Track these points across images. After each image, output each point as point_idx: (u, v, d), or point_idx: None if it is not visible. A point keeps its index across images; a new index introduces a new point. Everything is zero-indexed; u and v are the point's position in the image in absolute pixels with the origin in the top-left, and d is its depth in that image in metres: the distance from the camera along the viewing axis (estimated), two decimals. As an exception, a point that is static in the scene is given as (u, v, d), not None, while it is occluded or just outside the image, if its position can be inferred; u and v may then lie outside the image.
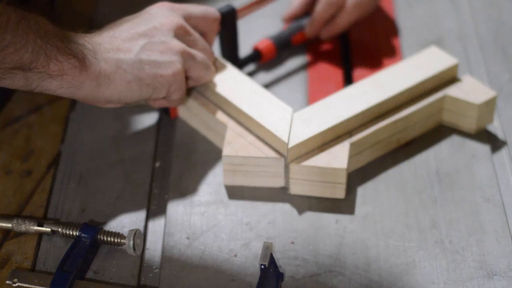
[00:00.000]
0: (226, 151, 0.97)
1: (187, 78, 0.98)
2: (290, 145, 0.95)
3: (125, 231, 0.93)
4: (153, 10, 0.97)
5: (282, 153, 0.97)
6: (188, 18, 0.98)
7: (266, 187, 0.99)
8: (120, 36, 0.93)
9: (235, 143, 0.98)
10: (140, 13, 0.97)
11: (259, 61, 1.13)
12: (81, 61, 0.88)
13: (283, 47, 1.14)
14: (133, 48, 0.93)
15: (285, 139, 0.96)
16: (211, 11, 1.02)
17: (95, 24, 1.18)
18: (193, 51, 0.97)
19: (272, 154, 0.97)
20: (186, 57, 0.95)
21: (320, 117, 0.98)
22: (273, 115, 0.99)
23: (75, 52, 0.88)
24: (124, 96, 0.93)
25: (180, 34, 0.96)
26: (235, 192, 0.99)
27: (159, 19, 0.96)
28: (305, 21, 1.15)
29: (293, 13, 1.16)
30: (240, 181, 0.99)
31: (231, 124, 1.00)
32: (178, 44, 0.95)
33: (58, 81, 0.88)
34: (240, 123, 1.00)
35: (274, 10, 1.20)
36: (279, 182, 0.98)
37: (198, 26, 1.00)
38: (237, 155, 0.97)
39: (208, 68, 0.99)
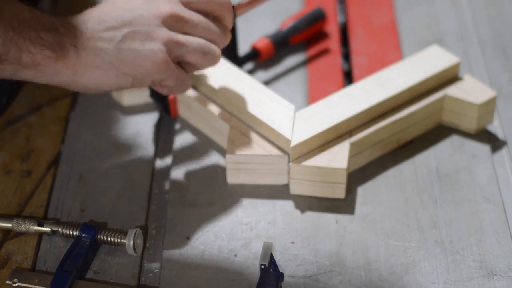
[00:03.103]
0: (230, 149, 0.97)
1: (186, 64, 0.97)
2: (293, 143, 0.95)
3: (125, 231, 0.92)
4: None
5: (286, 150, 0.97)
6: (186, 3, 0.96)
7: (268, 185, 0.99)
8: (105, 23, 0.91)
9: (238, 142, 0.98)
10: None
11: (258, 60, 1.13)
12: (56, 51, 0.88)
13: (281, 46, 1.14)
14: (115, 37, 0.91)
15: (288, 136, 0.96)
16: None
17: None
18: (183, 39, 0.94)
19: (275, 151, 0.97)
20: (173, 45, 0.93)
21: (322, 116, 0.98)
22: (275, 112, 0.99)
23: (50, 42, 0.87)
24: (102, 84, 0.92)
25: (170, 22, 0.94)
26: (235, 192, 0.99)
27: (150, 6, 0.93)
28: (303, 21, 1.15)
29: None
30: (244, 179, 0.99)
31: (233, 122, 1.00)
32: (164, 33, 0.93)
33: (32, 71, 0.88)
34: (242, 121, 1.01)
35: (272, 9, 1.20)
36: (282, 180, 0.98)
37: (206, 9, 0.97)
38: (240, 154, 0.97)
39: (206, 54, 0.95)
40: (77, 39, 0.89)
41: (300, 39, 1.16)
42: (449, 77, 1.05)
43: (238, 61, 1.10)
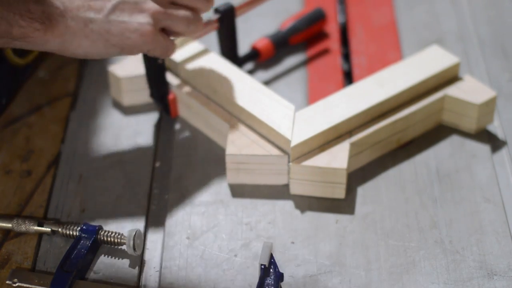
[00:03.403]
0: (230, 149, 0.97)
1: (171, 32, 0.98)
2: (293, 143, 0.95)
3: (125, 231, 0.92)
4: None
5: (286, 150, 0.97)
6: None
7: (268, 185, 0.99)
8: None
9: (238, 142, 0.98)
10: None
11: (258, 60, 1.13)
12: (45, 23, 0.89)
13: (281, 46, 1.14)
14: (105, 7, 0.93)
15: (288, 136, 0.96)
16: None
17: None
18: (170, 11, 0.96)
19: (276, 151, 0.97)
20: (161, 17, 0.95)
21: (322, 116, 0.98)
22: (275, 112, 0.99)
23: (39, 15, 0.89)
24: (90, 53, 0.94)
25: None
26: (235, 192, 0.99)
27: None
28: (302, 21, 1.15)
29: None
30: (244, 179, 0.99)
31: (233, 122, 1.00)
32: (151, 5, 0.95)
33: (22, 42, 0.90)
34: (242, 121, 1.01)
35: (272, 9, 1.20)
36: (282, 180, 0.98)
37: None
38: (240, 154, 0.97)
39: (190, 23, 0.98)
40: (66, 9, 0.91)
41: (300, 39, 1.16)
42: (449, 77, 1.05)
43: (238, 61, 1.10)
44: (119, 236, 0.92)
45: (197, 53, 1.06)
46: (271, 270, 0.89)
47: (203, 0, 0.98)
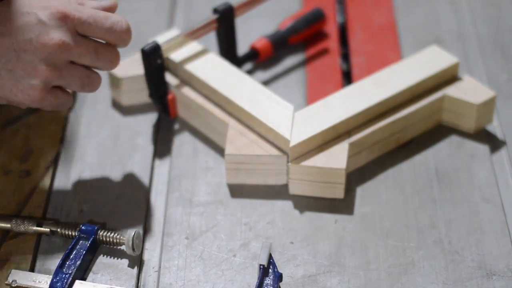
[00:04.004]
0: (229, 149, 0.97)
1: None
2: (292, 144, 0.95)
3: (124, 231, 0.92)
4: None
5: (285, 150, 0.97)
6: (82, 25, 0.90)
7: (267, 185, 0.99)
8: None
9: (237, 142, 0.98)
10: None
11: (256, 60, 1.13)
12: None
13: (280, 46, 1.14)
14: None
15: (287, 136, 0.96)
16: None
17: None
18: (65, 73, 0.90)
19: (275, 151, 0.97)
20: (53, 80, 0.90)
21: (321, 116, 0.98)
22: (274, 112, 0.99)
23: None
24: None
25: (57, 53, 0.89)
26: (234, 192, 0.99)
27: (42, 29, 0.89)
28: (302, 21, 1.15)
29: None
30: (243, 179, 0.99)
31: (232, 122, 1.00)
32: (45, 69, 0.89)
33: None
34: (241, 121, 1.01)
35: (271, 9, 1.20)
36: (281, 180, 0.98)
37: (103, 37, 0.92)
38: (239, 154, 0.97)
39: (85, 86, 0.92)
40: None
41: (299, 39, 1.16)
42: (448, 77, 1.05)
43: (237, 61, 1.10)
44: (118, 237, 0.92)
45: (196, 53, 1.06)
46: (270, 270, 0.89)
47: (106, 61, 0.92)
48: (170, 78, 1.06)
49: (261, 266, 0.88)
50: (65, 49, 0.89)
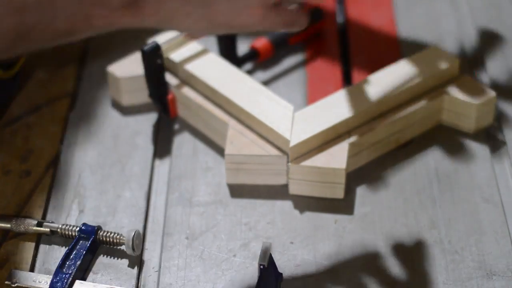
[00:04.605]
0: (229, 149, 0.97)
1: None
2: (292, 144, 0.95)
3: (124, 231, 0.92)
4: None
5: (284, 150, 0.97)
6: None
7: (267, 185, 0.99)
8: None
9: (237, 142, 0.98)
10: None
11: (257, 60, 1.13)
12: (130, 7, 0.83)
13: (280, 46, 1.14)
14: None
15: (287, 136, 0.96)
16: None
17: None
18: None
19: (275, 151, 0.97)
20: None
21: (321, 116, 0.98)
22: (274, 112, 0.99)
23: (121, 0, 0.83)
24: (195, 31, 0.88)
25: None
26: (234, 192, 0.99)
27: None
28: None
29: None
30: (243, 179, 0.99)
31: (232, 122, 1.00)
32: None
33: (111, 28, 0.85)
34: (241, 121, 1.01)
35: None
36: (281, 180, 0.98)
37: None
38: (239, 154, 0.97)
39: None
40: None
41: (299, 39, 1.16)
42: (448, 77, 1.05)
43: (237, 61, 1.10)
44: (118, 237, 0.92)
45: (196, 53, 1.06)
46: (270, 270, 0.89)
47: None
48: (170, 78, 1.06)
49: (261, 266, 0.88)
50: None
